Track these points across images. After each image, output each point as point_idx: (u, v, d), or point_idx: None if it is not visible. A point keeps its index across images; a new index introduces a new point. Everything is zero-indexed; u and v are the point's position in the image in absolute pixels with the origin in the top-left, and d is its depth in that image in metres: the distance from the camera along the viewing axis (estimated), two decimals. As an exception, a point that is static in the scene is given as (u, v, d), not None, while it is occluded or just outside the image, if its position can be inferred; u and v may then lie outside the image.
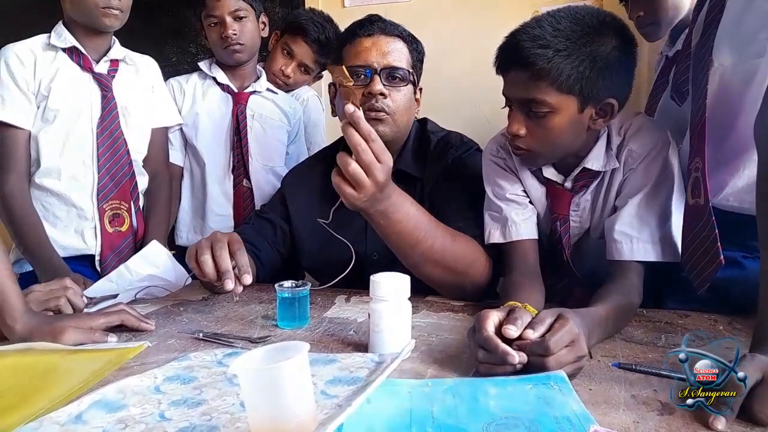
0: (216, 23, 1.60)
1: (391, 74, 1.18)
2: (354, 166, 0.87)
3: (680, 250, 0.96)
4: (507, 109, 0.99)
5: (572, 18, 0.91)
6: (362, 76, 1.17)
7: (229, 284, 0.94)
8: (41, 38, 1.40)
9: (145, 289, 1.14)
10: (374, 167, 0.87)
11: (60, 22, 1.42)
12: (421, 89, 1.29)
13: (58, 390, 0.69)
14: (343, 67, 0.97)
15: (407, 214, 0.98)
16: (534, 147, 0.98)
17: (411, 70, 1.22)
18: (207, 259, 0.96)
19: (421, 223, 1.00)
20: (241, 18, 1.60)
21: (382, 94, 1.16)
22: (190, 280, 1.19)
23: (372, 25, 1.20)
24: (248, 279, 0.96)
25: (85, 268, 1.39)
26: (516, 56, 0.91)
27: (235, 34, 1.58)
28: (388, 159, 0.90)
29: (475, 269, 1.07)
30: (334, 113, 1.29)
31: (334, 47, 1.25)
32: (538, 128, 0.95)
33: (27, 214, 1.34)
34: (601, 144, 1.01)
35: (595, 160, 1.01)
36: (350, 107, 0.86)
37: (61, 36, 1.39)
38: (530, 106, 0.93)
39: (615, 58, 0.91)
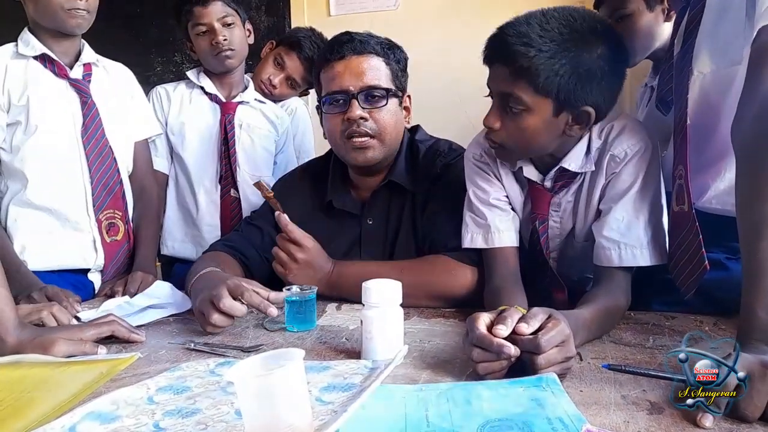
0: (205, 31, 1.61)
1: (370, 94, 1.16)
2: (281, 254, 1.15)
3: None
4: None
5: (563, 20, 0.90)
6: (341, 102, 1.16)
7: (273, 311, 0.92)
8: (8, 47, 1.34)
9: (146, 311, 1.11)
10: (296, 252, 1.13)
11: (25, 29, 1.35)
12: (409, 96, 1.26)
13: (50, 402, 0.69)
14: (261, 182, 1.16)
15: (364, 267, 1.11)
16: (506, 142, 0.98)
17: (392, 85, 1.19)
18: (235, 305, 0.92)
19: (382, 272, 1.01)
20: (229, 24, 1.61)
21: (362, 118, 1.15)
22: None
23: (342, 47, 1.16)
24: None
25: (79, 281, 1.35)
26: (500, 50, 0.92)
27: (225, 40, 1.59)
28: (309, 242, 1.14)
29: (453, 286, 1.10)
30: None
31: (314, 74, 1.23)
32: (512, 124, 0.95)
33: None
34: (582, 146, 1.00)
35: (573, 161, 1.00)
36: (276, 214, 1.15)
37: (29, 44, 1.33)
38: (507, 101, 0.93)
39: (598, 68, 0.90)
